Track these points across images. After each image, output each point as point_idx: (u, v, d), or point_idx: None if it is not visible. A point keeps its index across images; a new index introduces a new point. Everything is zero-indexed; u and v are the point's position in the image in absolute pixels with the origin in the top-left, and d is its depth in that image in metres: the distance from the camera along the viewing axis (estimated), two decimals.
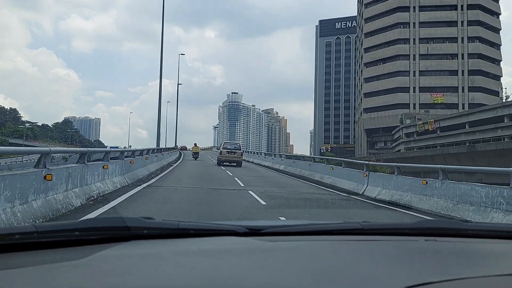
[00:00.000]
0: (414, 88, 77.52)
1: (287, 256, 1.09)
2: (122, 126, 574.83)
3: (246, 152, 47.90)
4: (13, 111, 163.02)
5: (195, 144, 35.78)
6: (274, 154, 30.92)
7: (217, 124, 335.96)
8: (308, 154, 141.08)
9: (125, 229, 1.18)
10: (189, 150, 41.39)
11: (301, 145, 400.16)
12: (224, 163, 27.08)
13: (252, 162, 36.13)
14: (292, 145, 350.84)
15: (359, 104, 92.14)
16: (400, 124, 72.38)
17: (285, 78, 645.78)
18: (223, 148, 28.48)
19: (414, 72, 77.64)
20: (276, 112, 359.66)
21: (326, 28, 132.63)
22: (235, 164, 27.09)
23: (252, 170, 24.77)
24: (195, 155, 34.29)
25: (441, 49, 77.00)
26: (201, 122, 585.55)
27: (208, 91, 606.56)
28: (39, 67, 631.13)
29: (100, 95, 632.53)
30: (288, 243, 1.23)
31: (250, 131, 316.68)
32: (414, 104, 77.25)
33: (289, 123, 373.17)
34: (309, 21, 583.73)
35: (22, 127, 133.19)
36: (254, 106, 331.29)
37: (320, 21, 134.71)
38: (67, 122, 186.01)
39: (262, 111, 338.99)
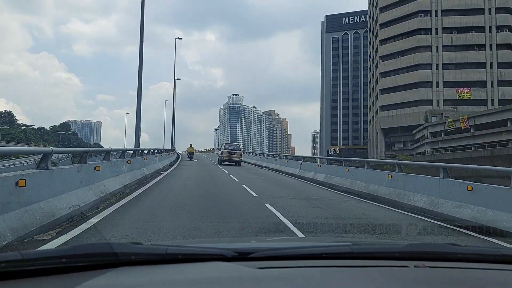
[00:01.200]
0: (437, 82, 69.19)
1: (276, 285, 1.06)
2: (124, 129, 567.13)
3: (254, 154, 39.88)
4: (8, 114, 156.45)
5: (191, 145, 36.86)
6: (303, 157, 22.34)
7: (218, 126, 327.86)
8: (310, 156, 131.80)
9: (112, 255, 1.15)
10: (184, 152, 42.04)
11: (302, 147, 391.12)
12: (225, 163, 28.28)
13: (266, 167, 27.72)
14: (294, 147, 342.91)
15: (373, 102, 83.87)
16: (424, 122, 64.02)
17: (286, 80, 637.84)
18: (224, 149, 29.52)
19: (437, 65, 69.34)
20: (277, 113, 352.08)
21: (332, 23, 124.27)
22: (234, 163, 28.21)
23: (280, 183, 16.43)
24: (190, 155, 35.68)
25: (467, 40, 68.73)
26: (202, 125, 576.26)
27: (209, 94, 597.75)
28: (41, 71, 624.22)
29: (101, 99, 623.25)
30: (276, 270, 1.19)
31: (252, 132, 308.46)
32: (438, 101, 68.89)
33: (290, 125, 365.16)
34: (308, 22, 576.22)
35: (14, 130, 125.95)
36: (255, 107, 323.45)
37: (326, 17, 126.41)
38: (64, 125, 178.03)
39: (263, 112, 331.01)
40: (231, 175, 18.03)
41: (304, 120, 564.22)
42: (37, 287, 0.98)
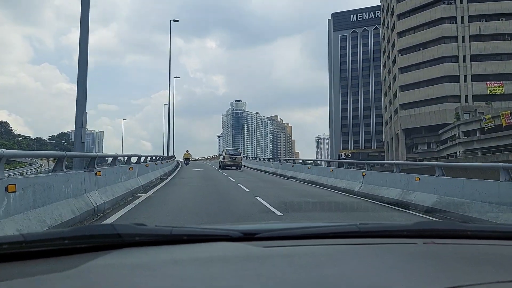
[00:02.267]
0: (465, 76, 61.47)
1: (283, 263, 1.04)
2: (126, 138, 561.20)
3: (271, 160, 32.30)
4: (4, 124, 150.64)
5: (187, 151, 37.71)
6: (367, 163, 13.97)
7: (221, 133, 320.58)
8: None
9: (116, 236, 1.12)
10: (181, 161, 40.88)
11: (306, 152, 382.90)
12: (226, 167, 29.35)
13: (293, 178, 20.21)
14: (298, 152, 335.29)
15: (390, 101, 76.13)
16: (455, 120, 56.24)
17: (287, 85, 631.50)
18: (225, 154, 30.93)
19: (464, 57, 61.66)
20: (281, 119, 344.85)
21: (340, 21, 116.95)
22: (235, 167, 29.34)
23: (367, 217, 8.86)
24: (186, 161, 36.89)
25: (497, 28, 61.09)
26: (204, 132, 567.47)
27: (211, 101, 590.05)
28: (43, 82, 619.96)
29: (104, 108, 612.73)
30: (283, 249, 1.18)
31: (255, 138, 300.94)
32: (466, 96, 61.14)
33: (293, 130, 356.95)
34: (309, 27, 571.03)
35: (7, 141, 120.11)
36: (258, 113, 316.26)
37: (333, 14, 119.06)
38: (63, 134, 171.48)
39: (266, 118, 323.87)
40: (258, 198, 10.42)
41: (307, 125, 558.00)
42: (39, 268, 0.96)
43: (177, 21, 33.04)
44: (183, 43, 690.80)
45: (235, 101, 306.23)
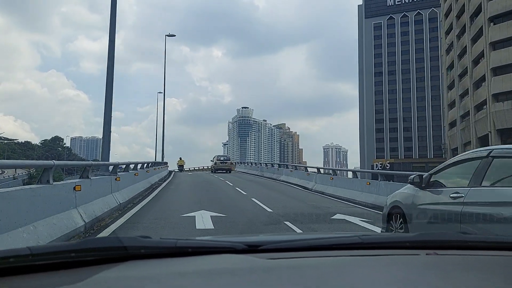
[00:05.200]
0: None
1: (288, 275, 1.03)
2: (132, 145, 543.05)
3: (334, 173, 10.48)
4: None
5: (180, 158, 39.32)
6: None
7: (227, 141, 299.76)
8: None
9: (122, 249, 1.11)
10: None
11: (313, 161, 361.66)
12: (218, 171, 32.96)
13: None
14: (306, 161, 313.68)
15: (464, 94, 54.20)
16: None
17: (293, 95, 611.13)
18: (217, 160, 35.04)
19: None
20: (288, 127, 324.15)
21: (373, 6, 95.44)
22: (224, 171, 33.08)
23: None
24: (180, 167, 38.44)
25: None
26: (210, 140, 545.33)
27: (216, 110, 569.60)
28: (49, 89, 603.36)
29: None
30: (287, 261, 1.17)
31: (262, 147, 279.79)
32: None
33: (300, 139, 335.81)
34: (315, 37, 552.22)
35: None
36: (265, 121, 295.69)
37: None
38: (56, 139, 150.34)
39: (273, 126, 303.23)
40: None
41: (313, 135, 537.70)
42: (46, 281, 0.95)
43: None
44: (189, 51, 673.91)
45: (242, 107, 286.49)
